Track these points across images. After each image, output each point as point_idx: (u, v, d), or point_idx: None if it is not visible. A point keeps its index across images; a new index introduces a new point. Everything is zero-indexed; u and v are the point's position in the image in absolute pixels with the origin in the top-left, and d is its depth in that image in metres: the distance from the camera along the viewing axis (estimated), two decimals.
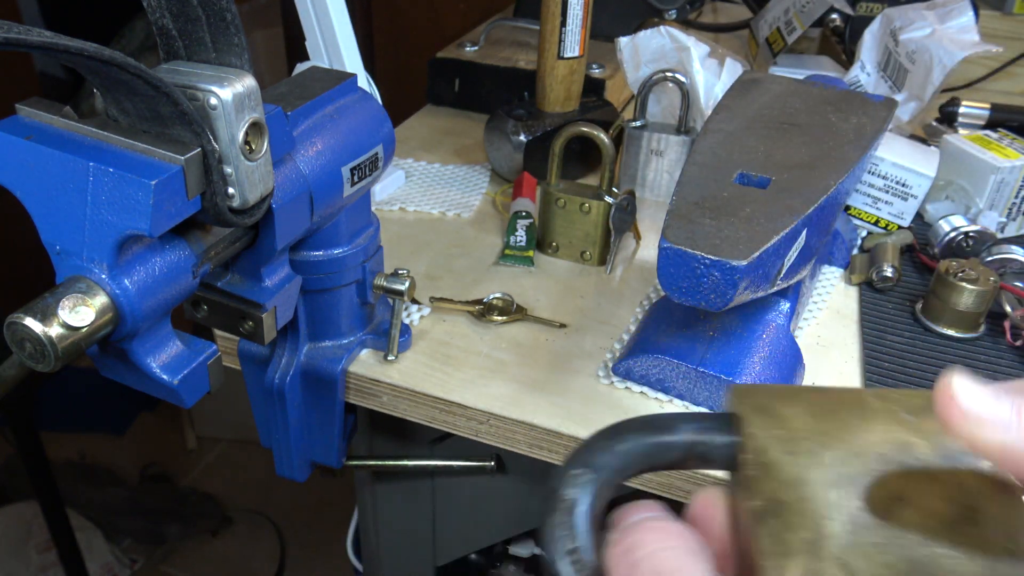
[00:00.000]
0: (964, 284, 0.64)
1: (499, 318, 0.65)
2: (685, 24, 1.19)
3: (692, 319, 0.59)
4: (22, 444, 1.29)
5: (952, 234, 0.74)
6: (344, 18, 0.74)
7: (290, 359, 0.58)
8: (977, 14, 0.93)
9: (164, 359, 0.43)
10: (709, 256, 0.47)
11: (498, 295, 0.67)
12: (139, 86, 0.36)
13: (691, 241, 0.48)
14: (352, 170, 0.52)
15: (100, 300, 0.39)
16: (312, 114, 0.50)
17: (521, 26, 1.12)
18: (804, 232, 0.53)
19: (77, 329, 0.38)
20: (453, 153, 0.94)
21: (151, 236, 0.38)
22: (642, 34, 0.84)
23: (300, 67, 0.70)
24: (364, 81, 0.77)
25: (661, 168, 0.84)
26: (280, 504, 1.94)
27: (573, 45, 0.83)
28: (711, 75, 0.82)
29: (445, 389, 0.58)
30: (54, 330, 0.37)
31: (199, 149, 0.39)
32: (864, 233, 0.79)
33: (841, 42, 1.12)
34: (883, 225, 0.78)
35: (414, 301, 0.66)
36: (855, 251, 0.76)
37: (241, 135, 0.40)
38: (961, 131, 0.93)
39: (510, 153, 0.84)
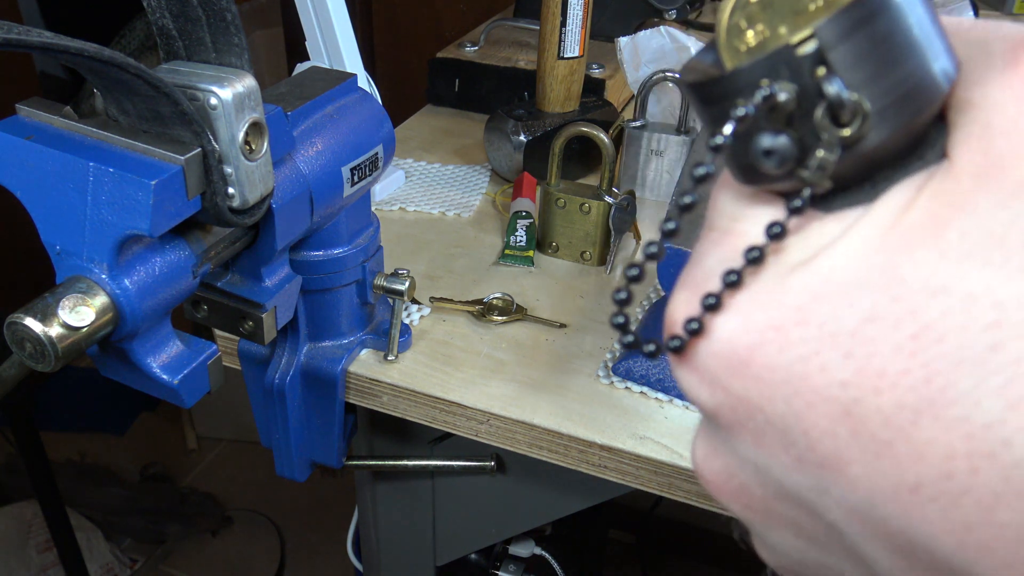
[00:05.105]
0: None
1: (499, 318, 0.65)
2: (685, 24, 1.19)
3: None
4: (22, 444, 1.29)
5: None
6: (344, 18, 0.74)
7: (290, 359, 0.58)
8: (977, 14, 0.93)
9: (164, 359, 0.43)
10: None
11: (498, 295, 0.67)
12: (139, 86, 0.36)
13: (691, 241, 0.48)
14: (352, 170, 0.52)
15: (100, 300, 0.39)
16: (312, 114, 0.50)
17: (521, 26, 1.12)
18: None
19: (77, 329, 0.38)
20: (453, 153, 0.94)
21: (151, 236, 0.38)
22: (642, 34, 0.84)
23: (300, 67, 0.70)
24: (364, 81, 0.77)
25: (661, 168, 0.84)
26: (280, 504, 1.94)
27: (573, 45, 0.83)
28: None
29: (445, 389, 0.58)
30: (54, 330, 0.37)
31: (199, 149, 0.39)
32: None
33: None
34: None
35: (414, 301, 0.66)
36: None
37: (241, 135, 0.40)
38: None
39: (510, 153, 0.84)
